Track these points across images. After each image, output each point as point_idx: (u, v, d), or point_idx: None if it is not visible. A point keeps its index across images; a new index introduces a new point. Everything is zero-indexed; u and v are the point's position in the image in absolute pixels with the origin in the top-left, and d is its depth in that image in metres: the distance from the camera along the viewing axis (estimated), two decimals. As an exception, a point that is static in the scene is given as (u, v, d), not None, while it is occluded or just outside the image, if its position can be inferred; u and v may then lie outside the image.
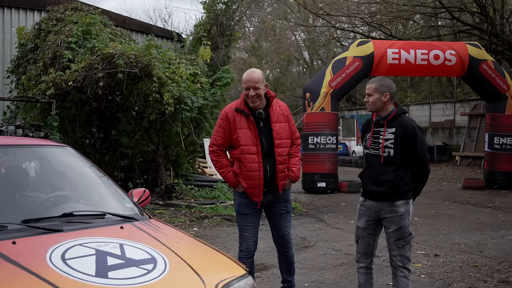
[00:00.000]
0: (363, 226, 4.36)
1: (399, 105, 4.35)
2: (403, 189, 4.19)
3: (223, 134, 4.49)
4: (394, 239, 4.20)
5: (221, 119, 4.52)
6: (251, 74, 4.42)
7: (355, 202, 12.33)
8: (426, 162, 4.24)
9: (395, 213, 4.18)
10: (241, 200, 4.58)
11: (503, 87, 14.47)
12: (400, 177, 4.17)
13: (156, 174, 11.84)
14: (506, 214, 10.30)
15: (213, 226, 9.05)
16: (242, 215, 4.62)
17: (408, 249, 4.23)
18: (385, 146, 4.18)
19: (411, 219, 4.28)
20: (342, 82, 13.86)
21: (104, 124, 11.94)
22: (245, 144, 4.41)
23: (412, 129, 4.15)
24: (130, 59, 9.81)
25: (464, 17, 22.26)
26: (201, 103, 11.26)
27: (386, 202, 4.20)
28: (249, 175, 4.43)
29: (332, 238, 8.00)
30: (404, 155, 4.17)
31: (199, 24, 15.89)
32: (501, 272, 5.93)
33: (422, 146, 4.19)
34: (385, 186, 4.18)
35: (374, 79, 4.35)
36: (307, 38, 36.80)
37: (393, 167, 4.18)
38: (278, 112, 4.55)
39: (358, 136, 31.13)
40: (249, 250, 4.61)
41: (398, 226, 4.18)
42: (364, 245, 4.37)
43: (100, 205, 3.52)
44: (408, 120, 4.26)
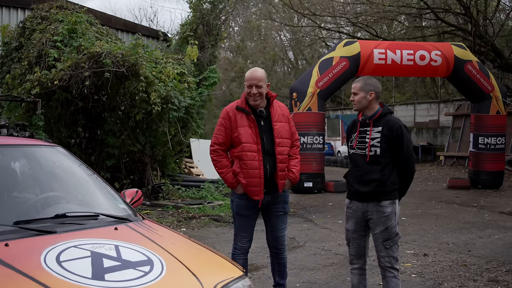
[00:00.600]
0: (353, 228, 4.34)
1: (385, 104, 4.36)
2: (389, 189, 4.18)
3: (224, 133, 4.49)
4: (382, 240, 4.18)
5: (222, 117, 4.52)
6: (254, 73, 4.45)
7: (342, 202, 12.37)
8: (412, 161, 4.25)
9: (381, 213, 4.16)
10: (240, 201, 4.56)
11: (487, 87, 14.59)
12: (387, 176, 4.16)
13: (143, 174, 11.75)
14: (492, 214, 10.39)
15: (201, 227, 8.99)
16: (240, 217, 4.61)
17: (395, 249, 4.22)
18: (372, 145, 4.17)
19: (398, 219, 4.27)
20: (329, 82, 13.87)
21: (90, 123, 11.82)
22: (246, 142, 4.40)
23: (398, 128, 4.15)
24: (117, 58, 9.72)
25: (448, 18, 22.43)
26: (188, 103, 11.20)
27: (372, 203, 4.19)
28: (250, 172, 4.41)
29: (321, 238, 8.00)
30: (391, 154, 4.17)
31: (185, 24, 15.83)
32: (490, 271, 5.97)
33: (408, 145, 4.19)
34: (372, 186, 4.16)
35: (359, 79, 4.36)
36: (292, 38, 36.86)
37: (379, 166, 4.16)
38: (279, 112, 4.56)
39: (343, 136, 31.19)
40: (243, 248, 4.63)
41: (385, 227, 4.16)
42: (355, 247, 4.36)
43: (93, 206, 3.47)
44: (394, 119, 4.26)
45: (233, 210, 4.68)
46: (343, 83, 15.02)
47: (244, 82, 4.50)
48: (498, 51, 21.24)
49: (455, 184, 15.34)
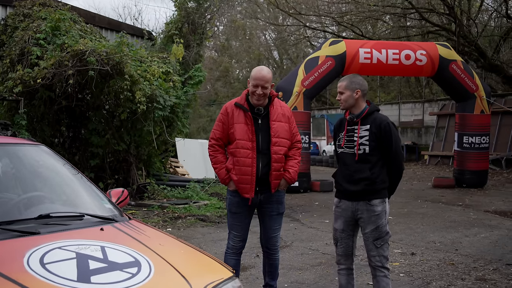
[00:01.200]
0: (341, 228, 4.29)
1: (372, 102, 4.32)
2: (379, 187, 4.14)
3: (221, 128, 4.48)
4: (372, 239, 4.14)
5: (221, 113, 4.52)
6: (262, 73, 4.39)
7: (328, 201, 12.42)
8: (400, 159, 4.23)
9: (372, 212, 4.12)
10: (232, 198, 4.54)
11: (471, 87, 14.67)
12: (376, 175, 4.12)
13: (128, 174, 11.62)
14: (477, 213, 10.43)
15: (187, 227, 8.91)
16: (232, 214, 4.58)
17: (386, 248, 4.19)
18: (360, 143, 4.13)
19: (387, 218, 4.24)
20: (315, 81, 13.85)
21: (74, 123, 11.66)
22: (240, 138, 4.37)
23: (386, 125, 4.12)
24: (101, 56, 9.59)
25: (432, 18, 22.54)
26: (173, 102, 11.10)
27: (362, 202, 4.14)
28: (242, 169, 4.38)
29: (308, 238, 7.95)
30: (379, 152, 4.13)
31: (170, 22, 15.72)
32: (478, 270, 5.96)
33: (397, 142, 4.16)
34: (361, 185, 4.12)
35: (345, 77, 4.32)
36: (277, 38, 36.85)
37: (369, 164, 4.12)
38: (279, 111, 4.51)
39: (328, 135, 31.25)
40: (236, 248, 4.57)
41: (375, 226, 4.12)
42: (343, 247, 4.31)
43: (78, 206, 3.38)
44: (382, 116, 4.23)
45: (227, 207, 4.68)
46: (329, 82, 15.00)
47: (248, 79, 4.44)
48: (482, 51, 21.40)
49: (440, 183, 15.40)
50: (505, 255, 6.70)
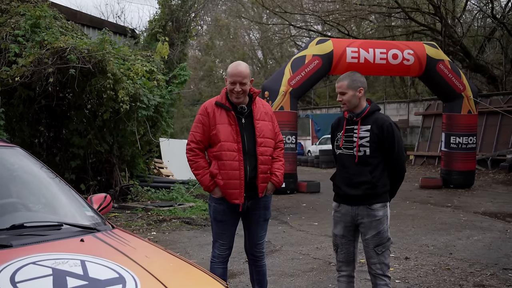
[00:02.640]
0: (341, 233, 4.04)
1: (373, 101, 4.07)
2: (381, 191, 3.90)
3: (202, 130, 4.10)
4: (373, 245, 3.90)
5: (200, 114, 4.14)
6: (238, 68, 4.06)
7: (315, 203, 12.21)
8: (403, 162, 3.99)
9: (373, 217, 3.88)
10: (217, 206, 4.18)
11: (459, 87, 14.57)
12: (377, 178, 3.88)
13: (110, 175, 11.29)
14: (467, 214, 10.29)
15: (172, 230, 8.62)
16: (218, 222, 4.24)
17: (387, 255, 3.95)
18: (360, 144, 3.88)
19: (389, 223, 4.01)
20: (302, 81, 13.62)
21: (54, 122, 11.31)
22: (224, 140, 4.03)
23: (389, 126, 3.86)
24: (83, 53, 9.25)
25: (417, 18, 22.49)
26: (157, 101, 10.78)
27: (362, 206, 3.90)
28: (229, 174, 4.04)
29: (298, 242, 7.71)
30: (381, 154, 3.89)
31: (154, 20, 15.41)
32: (475, 275, 5.77)
33: (399, 144, 3.91)
34: (362, 189, 3.87)
35: (343, 76, 4.02)
36: (261, 37, 36.64)
37: (369, 167, 3.87)
38: (262, 110, 4.21)
39: (313, 135, 31.12)
40: (222, 256, 4.26)
41: (376, 231, 3.88)
42: (344, 253, 4.06)
43: (55, 213, 3.09)
44: (383, 116, 3.98)
45: (210, 215, 4.30)
46: (316, 81, 14.80)
47: (225, 76, 4.13)
48: (467, 51, 21.41)
49: (427, 183, 15.28)
50: (501, 259, 6.52)
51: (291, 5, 24.26)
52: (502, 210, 10.87)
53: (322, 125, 31.11)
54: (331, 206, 12.48)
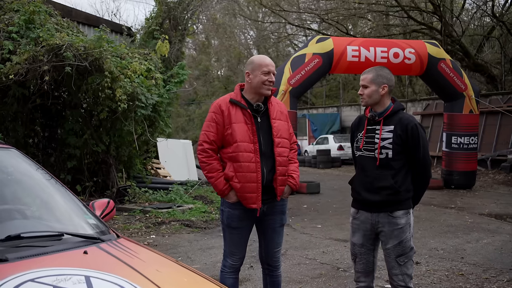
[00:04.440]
0: (360, 242, 3.77)
1: (397, 100, 3.80)
2: (403, 197, 3.62)
3: (216, 129, 3.79)
4: (395, 255, 3.63)
5: (213, 112, 3.83)
6: (267, 58, 3.88)
7: (316, 204, 11.97)
8: (428, 166, 3.69)
9: (394, 225, 3.61)
10: (232, 211, 3.86)
11: (460, 86, 14.37)
12: (400, 183, 3.60)
13: (107, 176, 11.01)
14: (472, 216, 10.07)
15: (172, 233, 8.35)
16: (232, 229, 3.91)
17: (410, 265, 3.67)
18: (382, 146, 3.61)
19: (412, 231, 3.74)
20: (302, 80, 13.36)
21: (50, 122, 11.02)
22: (241, 140, 3.73)
23: (414, 127, 3.58)
24: (79, 51, 8.98)
25: (416, 17, 22.30)
26: (155, 100, 10.51)
27: (383, 213, 3.63)
28: (246, 176, 3.74)
29: (303, 245, 7.45)
30: (404, 157, 3.61)
31: (150, 17, 15.12)
32: (491, 282, 5.53)
33: (425, 148, 3.62)
34: (383, 194, 3.60)
35: (370, 69, 3.77)
36: (258, 36, 36.39)
37: (392, 171, 3.60)
38: (277, 108, 3.93)
39: (310, 135, 30.93)
40: (235, 267, 3.95)
41: (399, 241, 3.61)
42: (364, 263, 3.79)
43: (55, 222, 2.80)
44: (408, 117, 3.69)
45: (223, 222, 3.96)
46: (316, 80, 14.57)
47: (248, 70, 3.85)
48: (466, 50, 21.22)
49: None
50: (514, 263, 6.29)
51: (288, 4, 24.04)
52: (507, 212, 10.66)
53: (319, 125, 30.93)
54: (332, 207, 12.28)
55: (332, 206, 11.66)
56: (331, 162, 24.92)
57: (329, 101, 35.63)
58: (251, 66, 3.84)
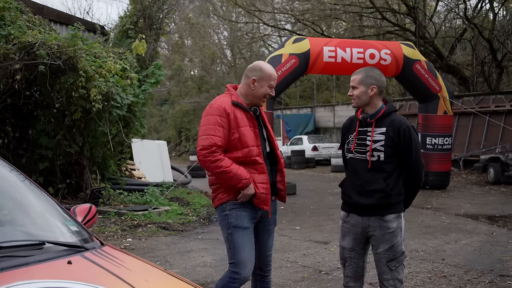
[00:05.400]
0: (350, 246, 3.69)
1: (389, 101, 3.72)
2: (395, 201, 3.55)
3: (223, 134, 3.58)
4: (386, 260, 3.56)
5: (218, 115, 3.60)
6: (274, 71, 3.78)
7: (293, 205, 11.89)
8: (420, 169, 3.62)
9: (385, 229, 3.54)
10: (239, 212, 3.63)
11: (435, 87, 14.49)
12: (392, 186, 3.53)
13: (80, 177, 10.75)
14: (449, 216, 10.13)
15: (149, 236, 8.17)
16: (243, 230, 3.63)
17: (401, 270, 3.61)
18: (374, 149, 3.53)
19: (403, 236, 3.67)
20: (278, 80, 13.17)
21: (21, 122, 10.71)
22: (252, 145, 3.63)
23: (406, 129, 3.51)
24: (53, 49, 8.72)
25: (390, 18, 22.47)
26: (131, 100, 10.30)
27: (374, 217, 3.55)
28: (261, 177, 3.64)
29: (282, 248, 7.37)
30: (397, 159, 3.54)
31: (124, 16, 14.83)
32: (473, 283, 5.52)
33: (417, 150, 3.56)
34: (375, 197, 3.52)
35: (359, 70, 3.71)
36: (231, 37, 36.27)
37: (383, 174, 3.52)
38: (263, 113, 3.91)
39: (284, 136, 30.89)
40: (247, 278, 3.67)
41: (390, 245, 3.54)
42: (353, 268, 3.71)
43: (35, 229, 2.64)
44: (400, 118, 3.61)
45: (230, 225, 3.65)
46: (293, 81, 14.53)
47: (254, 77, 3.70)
48: (439, 52, 21.45)
49: (403, 184, 15.13)
50: (495, 264, 6.31)
51: (263, 4, 23.98)
52: (482, 212, 10.76)
53: (293, 126, 30.93)
54: (309, 208, 12.22)
55: (309, 207, 11.61)
56: (306, 163, 24.94)
57: (303, 101, 35.69)
58: (259, 74, 3.72)
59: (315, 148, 25.77)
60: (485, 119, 19.15)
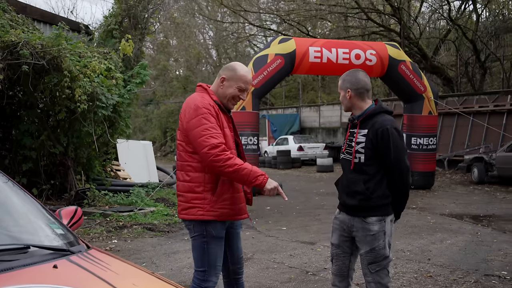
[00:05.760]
0: (337, 242, 3.70)
1: (380, 102, 3.66)
2: (376, 204, 3.48)
3: (219, 133, 3.40)
4: (367, 262, 3.53)
5: (212, 115, 3.39)
6: (250, 74, 3.60)
7: (279, 205, 11.89)
8: (403, 173, 3.46)
9: (367, 231, 3.50)
10: (219, 223, 3.47)
11: (420, 88, 14.58)
12: (372, 189, 3.47)
13: (65, 178, 10.64)
14: (434, 216, 10.19)
15: (135, 237, 8.11)
16: (220, 240, 3.51)
17: (384, 275, 3.53)
18: (356, 150, 3.51)
19: (390, 240, 3.59)
20: (264, 80, 13.27)
21: (4, 122, 10.57)
22: (232, 148, 3.50)
23: (384, 130, 3.42)
24: (37, 49, 8.61)
25: (374, 19, 22.56)
26: (116, 101, 10.22)
27: (358, 218, 3.54)
28: (237, 186, 3.51)
29: (269, 248, 7.35)
30: (377, 162, 3.48)
31: (109, 16, 14.73)
32: (459, 283, 5.55)
33: (397, 152, 3.42)
34: (356, 199, 3.51)
35: (343, 75, 3.69)
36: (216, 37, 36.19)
37: (364, 176, 3.48)
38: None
39: (269, 136, 30.89)
40: (216, 283, 3.58)
41: (370, 248, 3.50)
42: (338, 266, 3.70)
43: (19, 232, 2.59)
44: (383, 120, 3.50)
45: (207, 234, 3.46)
46: (278, 81, 14.51)
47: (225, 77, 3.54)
48: (424, 53, 21.59)
49: (388, 184, 15.19)
50: (480, 264, 6.35)
51: (249, 4, 23.95)
52: (466, 212, 10.85)
53: (279, 126, 30.94)
54: (296, 209, 12.23)
55: (295, 208, 11.60)
56: (291, 163, 24.97)
57: (288, 101, 35.72)
58: (230, 74, 3.54)
59: (301, 148, 25.81)
60: (469, 119, 19.34)
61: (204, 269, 3.47)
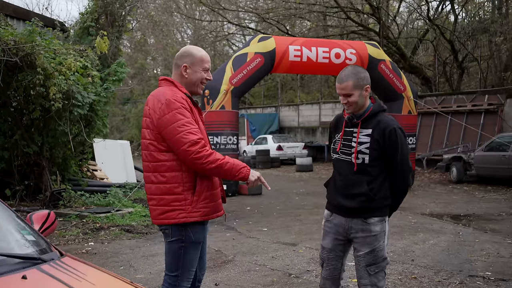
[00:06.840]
0: (329, 246, 3.55)
1: (377, 100, 3.53)
2: (379, 205, 3.39)
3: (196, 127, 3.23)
4: (365, 264, 3.41)
5: (186, 109, 3.20)
6: (205, 52, 3.40)
7: (259, 206, 11.75)
8: (406, 174, 3.41)
9: (368, 232, 3.39)
10: (200, 226, 3.29)
11: (399, 87, 14.57)
12: (376, 191, 3.37)
13: (39, 179, 10.34)
14: (415, 216, 10.15)
15: (112, 239, 7.89)
16: (198, 245, 3.30)
17: (381, 277, 3.45)
18: (359, 151, 3.36)
19: (387, 240, 3.53)
20: (243, 79, 13.11)
21: (-25, 122, 10.23)
22: (208, 142, 3.31)
23: (392, 131, 3.32)
24: (9, 45, 8.34)
25: (354, 18, 22.58)
26: (92, 99, 9.97)
27: (357, 219, 3.41)
28: (215, 183, 3.33)
29: (250, 250, 7.20)
30: (382, 163, 3.38)
31: (86, 12, 14.43)
32: (444, 284, 5.47)
33: (404, 153, 3.36)
34: (358, 201, 3.38)
35: (346, 74, 3.39)
36: (195, 35, 35.93)
37: (368, 177, 3.36)
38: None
39: (248, 135, 30.75)
40: None
41: (371, 249, 3.39)
42: (330, 270, 3.56)
43: (-15, 240, 2.41)
44: (387, 120, 3.39)
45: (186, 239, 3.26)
46: (258, 80, 14.36)
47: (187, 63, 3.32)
48: (402, 52, 21.67)
49: (368, 184, 15.17)
50: (463, 265, 6.29)
51: (227, 3, 23.78)
52: (447, 211, 10.85)
53: (257, 125, 30.82)
54: (276, 209, 12.06)
55: (276, 208, 11.48)
56: (271, 162, 24.86)
57: (267, 101, 35.63)
58: (190, 59, 3.34)
59: (280, 148, 25.70)
60: (447, 119, 19.46)
61: (177, 274, 3.29)
